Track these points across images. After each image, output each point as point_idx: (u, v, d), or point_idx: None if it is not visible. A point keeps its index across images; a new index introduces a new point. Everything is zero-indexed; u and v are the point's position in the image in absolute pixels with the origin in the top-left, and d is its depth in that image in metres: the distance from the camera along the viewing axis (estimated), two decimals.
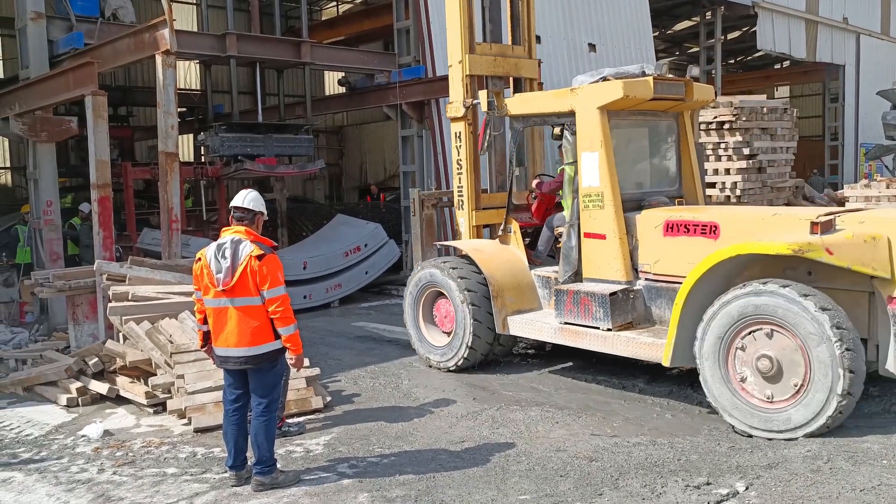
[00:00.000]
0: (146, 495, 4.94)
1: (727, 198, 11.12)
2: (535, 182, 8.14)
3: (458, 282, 7.56)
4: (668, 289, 6.46)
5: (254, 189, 5.41)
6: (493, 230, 8.29)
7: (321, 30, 19.23)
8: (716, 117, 11.05)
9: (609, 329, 6.54)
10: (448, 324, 7.79)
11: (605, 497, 4.60)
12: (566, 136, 7.11)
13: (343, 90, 16.48)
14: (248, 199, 5.10)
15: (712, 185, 11.27)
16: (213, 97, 16.27)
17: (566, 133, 7.10)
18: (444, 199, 9.84)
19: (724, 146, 11.11)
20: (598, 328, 6.62)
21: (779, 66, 28.46)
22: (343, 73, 16.90)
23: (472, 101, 8.09)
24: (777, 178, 11.70)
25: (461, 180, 8.20)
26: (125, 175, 12.50)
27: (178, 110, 11.66)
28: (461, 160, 8.18)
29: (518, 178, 8.37)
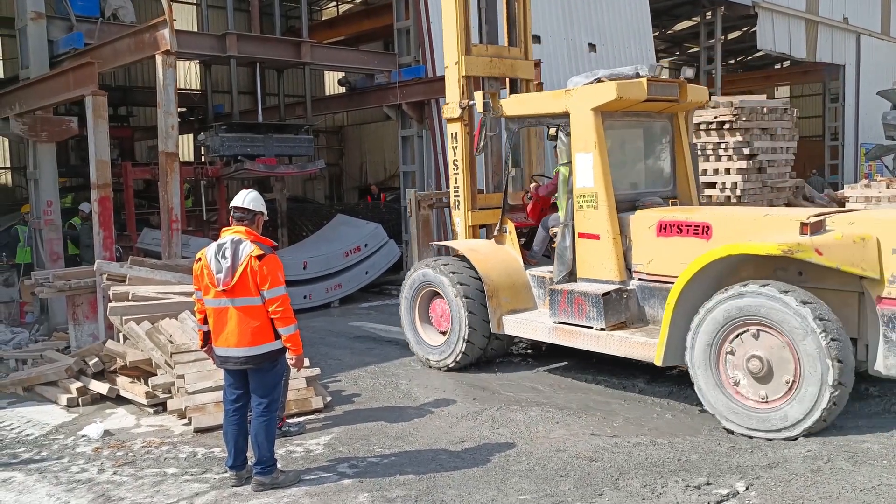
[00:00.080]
0: (146, 495, 4.94)
1: (727, 198, 11.11)
2: (532, 185, 8.18)
3: (454, 281, 7.60)
4: (661, 289, 6.48)
5: (254, 189, 5.41)
6: (489, 230, 8.31)
7: (321, 30, 19.23)
8: (716, 117, 11.04)
9: (602, 329, 6.58)
10: (444, 323, 7.81)
11: (606, 497, 4.60)
12: (561, 137, 7.14)
13: (343, 90, 16.48)
14: (248, 199, 5.11)
15: (712, 185, 11.27)
16: (214, 97, 16.28)
17: (561, 134, 7.13)
18: (440, 199, 9.87)
19: (724, 146, 11.10)
20: (592, 328, 6.65)
21: (779, 66, 28.47)
22: (343, 73, 16.91)
23: (467, 102, 8.14)
24: (777, 178, 11.70)
25: (457, 181, 8.25)
26: (125, 175, 12.51)
27: (179, 110, 11.67)
28: (457, 160, 8.23)
29: (514, 178, 8.40)
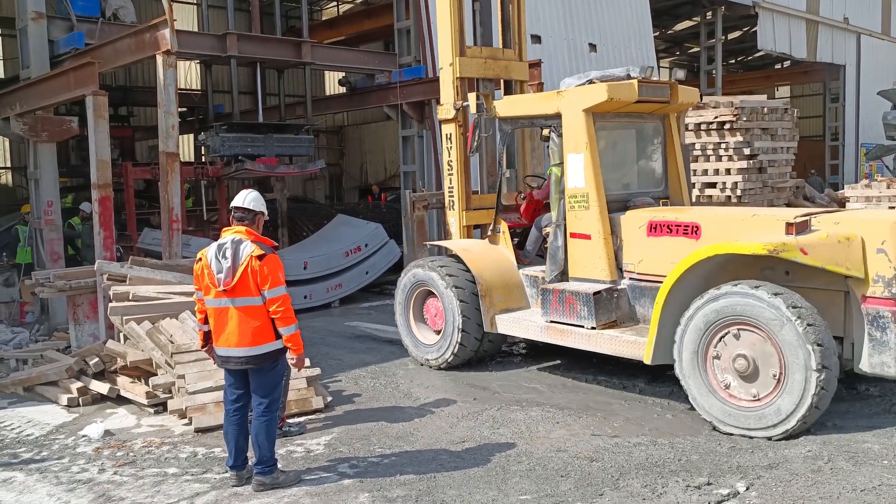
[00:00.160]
0: (147, 495, 4.94)
1: (728, 198, 11.11)
2: (535, 191, 8.20)
3: (447, 281, 7.64)
4: (651, 288, 6.52)
5: (254, 189, 5.41)
6: (483, 230, 8.35)
7: (322, 30, 19.24)
8: (716, 117, 11.04)
9: (593, 327, 6.63)
10: (438, 322, 7.85)
11: (606, 497, 4.60)
12: (553, 138, 7.19)
13: (343, 90, 16.48)
14: (248, 199, 5.11)
15: (713, 185, 11.27)
16: (214, 97, 16.28)
17: (553, 135, 7.18)
18: (434, 200, 9.92)
19: (724, 146, 11.10)
20: (583, 326, 6.70)
21: (779, 66, 28.49)
22: (343, 73, 16.91)
23: (461, 104, 8.18)
24: (778, 178, 11.70)
25: (452, 181, 8.30)
26: (126, 175, 12.51)
27: (179, 110, 11.68)
28: (452, 161, 8.28)
29: (508, 179, 8.44)
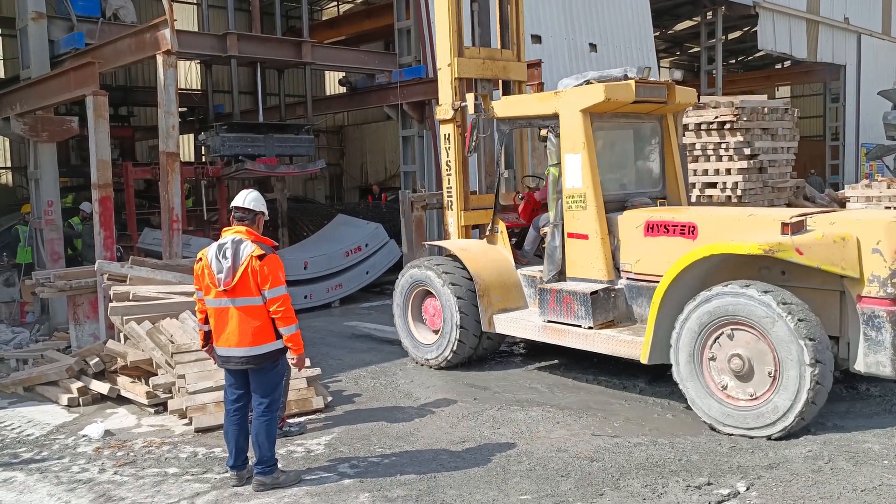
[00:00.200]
0: (147, 495, 4.94)
1: (728, 198, 11.11)
2: (536, 193, 8.21)
3: (444, 278, 7.66)
4: (648, 288, 6.53)
5: (254, 189, 5.41)
6: (482, 230, 8.36)
7: (322, 30, 19.25)
8: (717, 117, 11.04)
9: (590, 327, 6.64)
10: (437, 322, 7.86)
11: (607, 497, 4.60)
12: (550, 139, 7.20)
13: (344, 90, 16.48)
14: (248, 199, 5.11)
15: (713, 185, 11.27)
16: (214, 97, 16.29)
17: (550, 135, 7.19)
18: (434, 200, 9.94)
19: (725, 146, 11.10)
20: (580, 326, 6.71)
21: (780, 66, 28.50)
22: (344, 73, 16.91)
23: (459, 104, 8.19)
24: (778, 178, 11.70)
25: (450, 181, 8.33)
26: (126, 175, 12.51)
27: (179, 110, 11.67)
28: (450, 161, 8.31)
29: (507, 179, 8.44)
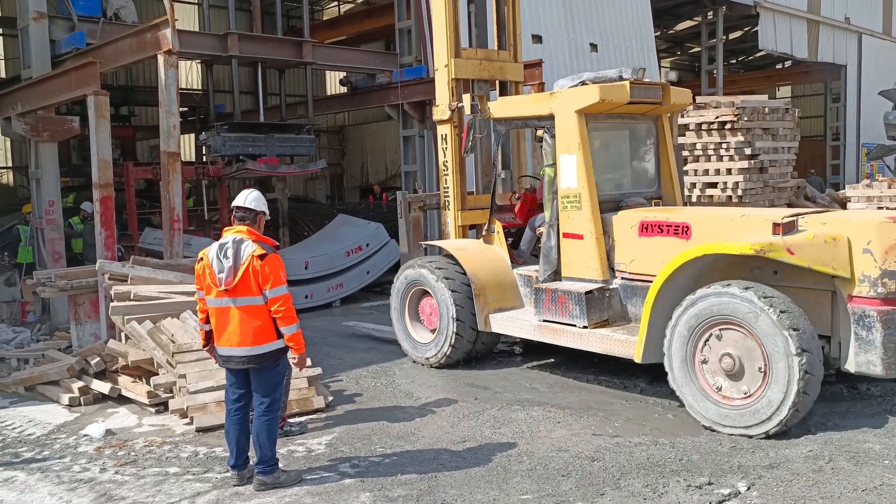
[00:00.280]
0: (148, 495, 4.95)
1: (728, 198, 11.11)
2: (523, 191, 8.23)
3: (442, 280, 7.68)
4: (642, 287, 6.56)
5: (255, 189, 5.41)
6: (478, 230, 8.37)
7: (323, 29, 19.25)
8: (717, 117, 11.03)
9: (585, 326, 6.67)
10: (433, 321, 7.89)
11: (607, 497, 4.61)
12: (546, 139, 7.23)
13: (345, 90, 16.49)
14: (249, 198, 5.11)
15: (714, 185, 11.27)
16: (215, 97, 16.27)
17: (546, 136, 7.22)
18: (434, 201, 9.95)
19: (725, 146, 11.09)
20: (575, 325, 6.75)
21: (780, 65, 28.50)
22: (345, 73, 16.91)
23: (456, 105, 8.21)
24: (779, 178, 11.69)
25: (447, 181, 8.35)
26: (127, 175, 12.53)
27: (180, 110, 11.64)
28: (447, 162, 8.33)
29: (503, 179, 8.46)
